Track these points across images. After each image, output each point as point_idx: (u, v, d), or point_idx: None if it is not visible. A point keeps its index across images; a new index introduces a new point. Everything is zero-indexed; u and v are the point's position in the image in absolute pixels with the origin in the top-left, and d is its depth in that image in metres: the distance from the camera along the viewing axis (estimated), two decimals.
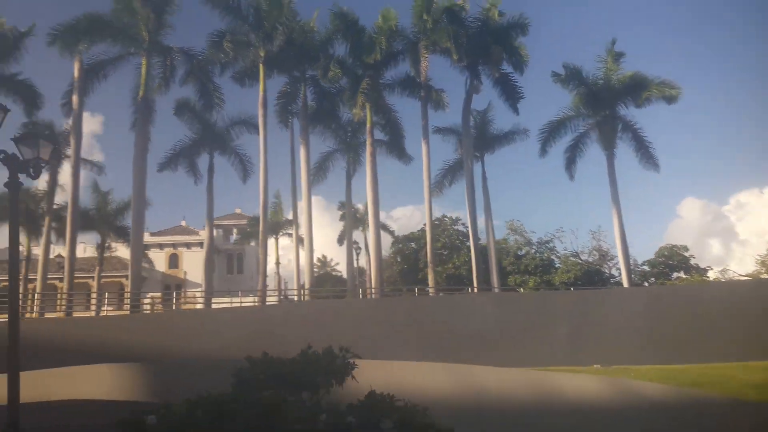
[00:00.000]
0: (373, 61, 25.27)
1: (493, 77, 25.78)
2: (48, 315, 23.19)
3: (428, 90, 26.30)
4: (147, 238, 38.61)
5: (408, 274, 44.35)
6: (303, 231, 27.29)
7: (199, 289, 36.14)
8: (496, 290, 27.67)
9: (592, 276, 42.07)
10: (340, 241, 44.33)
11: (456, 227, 46.15)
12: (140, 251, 26.26)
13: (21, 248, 24.73)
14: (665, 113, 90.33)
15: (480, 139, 29.81)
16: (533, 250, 43.23)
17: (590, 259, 45.84)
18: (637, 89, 26.18)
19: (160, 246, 49.57)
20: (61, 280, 28.10)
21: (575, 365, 16.70)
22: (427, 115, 26.82)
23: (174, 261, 50.77)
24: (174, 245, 50.66)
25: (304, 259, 26.59)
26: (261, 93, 25.60)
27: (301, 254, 29.21)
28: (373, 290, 25.95)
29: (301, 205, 27.95)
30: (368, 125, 26.05)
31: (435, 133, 30.12)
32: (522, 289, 40.14)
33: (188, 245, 49.40)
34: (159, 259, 47.41)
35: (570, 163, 28.15)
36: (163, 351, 16.19)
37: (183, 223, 52.02)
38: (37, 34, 25.35)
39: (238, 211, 53.41)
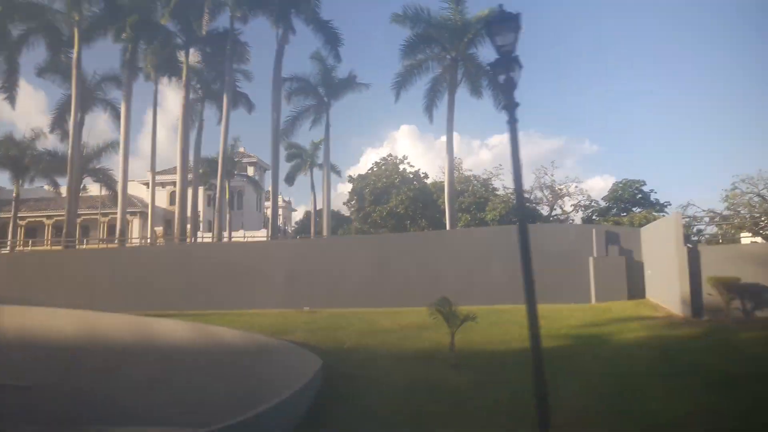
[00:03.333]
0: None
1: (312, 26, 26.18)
2: None
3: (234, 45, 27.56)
4: (149, 176, 43.61)
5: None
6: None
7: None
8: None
9: (515, 212, 41.91)
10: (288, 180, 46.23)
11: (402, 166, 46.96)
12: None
13: None
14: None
15: (326, 86, 30.44)
16: (472, 188, 43.42)
17: (539, 196, 45.36)
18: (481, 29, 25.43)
19: (162, 184, 54.69)
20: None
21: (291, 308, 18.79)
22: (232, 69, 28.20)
23: (174, 198, 56.11)
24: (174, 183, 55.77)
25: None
26: None
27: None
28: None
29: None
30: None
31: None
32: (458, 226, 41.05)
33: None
34: (161, 197, 52.70)
35: (429, 105, 28.17)
36: None
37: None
38: None
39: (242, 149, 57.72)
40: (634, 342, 13.02)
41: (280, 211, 77.66)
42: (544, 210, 46.23)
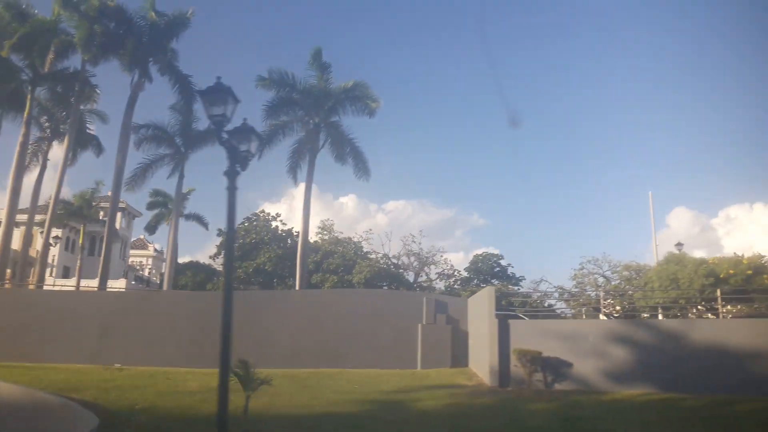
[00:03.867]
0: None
1: (170, 76, 26.00)
2: None
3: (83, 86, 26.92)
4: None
5: None
6: None
7: None
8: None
9: (386, 277, 42.83)
10: (149, 229, 44.29)
11: (275, 223, 46.61)
12: None
13: None
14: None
15: (184, 136, 30.19)
16: (341, 250, 43.76)
17: (405, 263, 46.61)
18: (345, 99, 26.58)
19: (17, 224, 50.00)
20: None
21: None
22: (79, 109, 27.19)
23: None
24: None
25: None
26: None
27: None
28: None
29: None
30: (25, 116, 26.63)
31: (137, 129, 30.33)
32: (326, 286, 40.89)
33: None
34: (15, 237, 47.83)
35: (293, 167, 28.44)
36: None
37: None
38: None
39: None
40: (432, 409, 13.31)
41: (150, 261, 73.57)
42: (410, 276, 47.63)
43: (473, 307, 19.26)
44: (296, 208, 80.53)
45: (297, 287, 26.15)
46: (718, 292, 17.53)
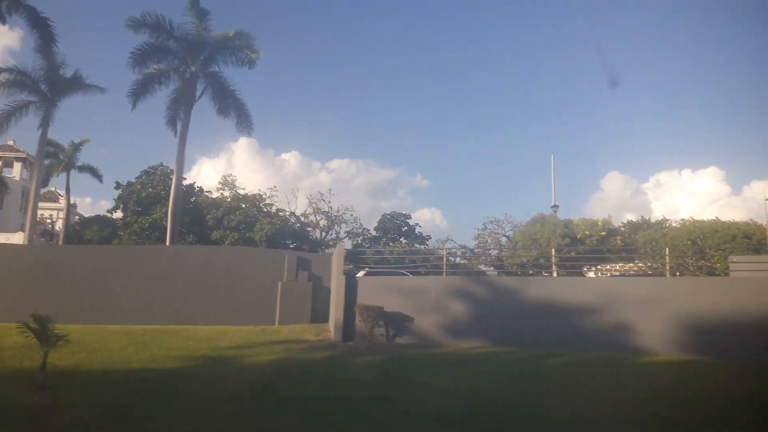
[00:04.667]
0: None
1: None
2: None
3: None
4: None
5: None
6: None
7: None
8: None
9: (290, 235, 42.61)
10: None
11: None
12: None
13: None
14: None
15: (50, 83, 28.42)
16: (245, 206, 42.93)
17: (314, 221, 46.37)
18: (225, 48, 25.53)
19: None
20: None
21: None
22: None
23: None
24: None
25: None
26: None
27: None
28: None
29: None
30: None
31: None
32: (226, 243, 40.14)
33: None
34: None
35: (173, 118, 27.26)
36: None
37: None
38: None
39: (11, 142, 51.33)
40: (258, 364, 13.40)
41: (61, 214, 69.98)
42: (319, 234, 47.57)
43: (334, 265, 19.39)
44: (236, 164, 78.25)
45: (168, 242, 25.47)
46: (553, 253, 18.35)
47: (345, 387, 11.44)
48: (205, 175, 78.54)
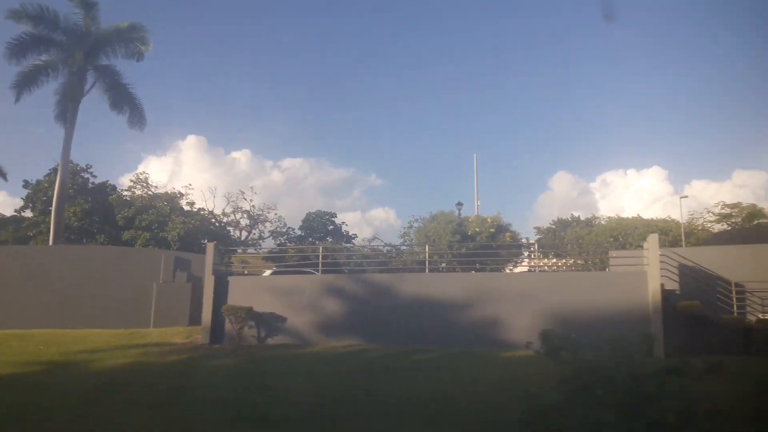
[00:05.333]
0: None
1: None
2: None
3: None
4: None
5: None
6: None
7: None
8: None
9: (206, 234, 41.47)
10: None
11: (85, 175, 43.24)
12: None
13: None
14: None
15: None
16: (160, 205, 41.45)
17: (235, 220, 45.38)
18: (115, 41, 24.47)
19: None
20: None
21: None
22: None
23: None
24: None
25: None
26: None
27: None
28: None
29: None
30: None
31: None
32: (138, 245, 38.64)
33: None
34: None
35: (63, 113, 25.86)
36: None
37: None
38: None
39: None
40: (104, 368, 12.78)
41: None
42: (241, 234, 46.56)
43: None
44: (183, 162, 75.52)
45: (51, 242, 24.15)
46: (427, 249, 18.36)
47: (185, 391, 10.96)
48: (153, 174, 74.83)
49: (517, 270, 22.16)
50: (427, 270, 18.01)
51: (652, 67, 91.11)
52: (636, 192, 75.92)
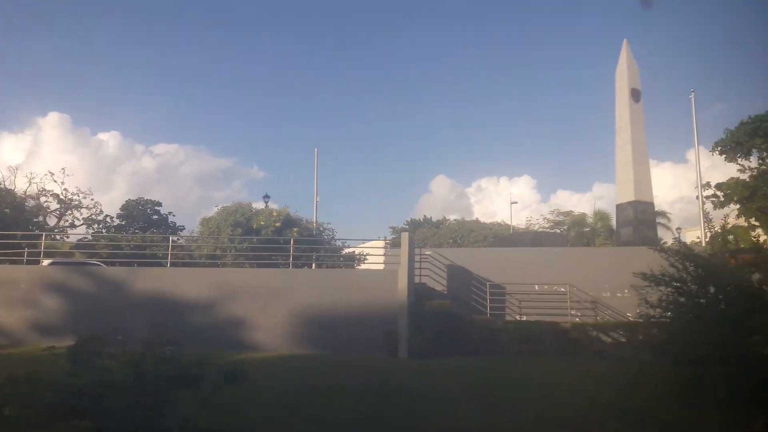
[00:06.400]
0: None
1: None
2: None
3: None
4: None
5: None
6: None
7: None
8: None
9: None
10: None
11: None
12: None
13: None
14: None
15: None
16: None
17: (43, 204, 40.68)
18: None
19: None
20: None
21: None
22: None
23: None
24: None
25: None
26: None
27: None
28: None
29: None
30: None
31: None
32: None
33: None
34: None
35: None
36: None
37: None
38: None
39: None
40: None
41: None
42: (52, 219, 41.77)
43: None
44: (43, 141, 65.83)
45: None
46: (171, 240, 17.04)
47: None
48: (6, 152, 64.10)
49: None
50: (168, 264, 16.56)
51: (522, 75, 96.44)
52: (507, 198, 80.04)
